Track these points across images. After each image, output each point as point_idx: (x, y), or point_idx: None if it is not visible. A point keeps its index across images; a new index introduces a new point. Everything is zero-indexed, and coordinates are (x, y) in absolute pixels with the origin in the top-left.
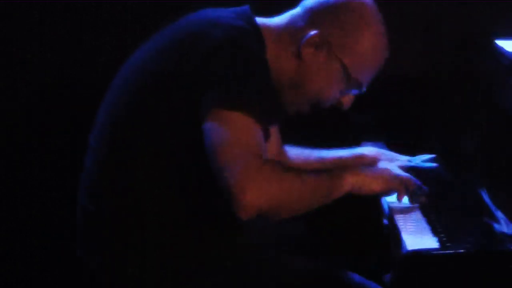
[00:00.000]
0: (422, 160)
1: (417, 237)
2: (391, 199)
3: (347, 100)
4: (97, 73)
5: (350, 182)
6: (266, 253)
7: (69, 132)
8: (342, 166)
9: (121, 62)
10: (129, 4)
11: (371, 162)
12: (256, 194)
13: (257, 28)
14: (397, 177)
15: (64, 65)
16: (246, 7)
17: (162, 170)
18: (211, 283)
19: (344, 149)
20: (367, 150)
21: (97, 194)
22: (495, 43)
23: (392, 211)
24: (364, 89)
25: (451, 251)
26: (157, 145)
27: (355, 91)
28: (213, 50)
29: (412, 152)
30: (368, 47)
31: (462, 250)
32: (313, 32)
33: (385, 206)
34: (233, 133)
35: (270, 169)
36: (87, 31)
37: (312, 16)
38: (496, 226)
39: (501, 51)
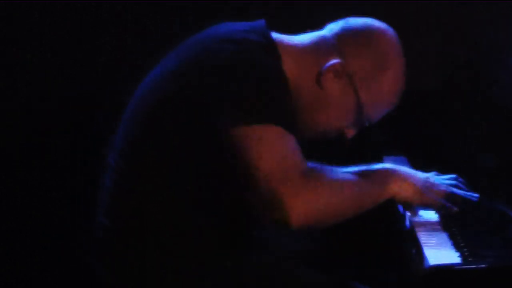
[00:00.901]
0: (442, 178)
1: (439, 251)
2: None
3: (351, 133)
4: (97, 73)
5: (394, 189)
6: (267, 255)
7: (68, 132)
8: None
9: (121, 62)
10: (129, 4)
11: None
12: (304, 205)
13: (272, 42)
14: (438, 192)
15: (64, 65)
16: (261, 21)
17: (175, 183)
18: (211, 283)
19: (364, 165)
20: (382, 166)
21: (117, 211)
22: None
23: (414, 225)
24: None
25: (473, 266)
26: (173, 161)
27: (361, 124)
28: (227, 66)
29: (433, 165)
30: (386, 88)
31: (484, 265)
32: (335, 61)
33: (406, 220)
34: (267, 146)
35: (315, 177)
36: (87, 31)
37: (339, 43)
38: None
39: None
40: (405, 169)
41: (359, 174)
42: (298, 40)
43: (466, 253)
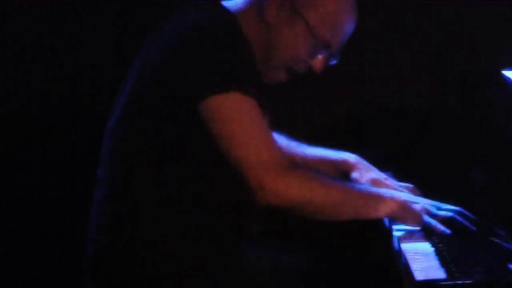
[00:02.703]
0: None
1: (426, 267)
2: (398, 229)
3: (318, 63)
4: (97, 73)
5: (390, 208)
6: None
7: (68, 132)
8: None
9: (120, 62)
10: (129, 4)
11: (349, 168)
12: (284, 184)
13: (225, 9)
14: (429, 218)
15: (64, 65)
16: None
17: (165, 186)
18: (212, 283)
19: (329, 149)
20: (349, 156)
21: (108, 226)
22: (502, 73)
23: (400, 241)
24: (336, 53)
25: (459, 282)
26: (160, 161)
27: (324, 52)
28: (188, 45)
29: (421, 185)
30: (331, 4)
31: (470, 281)
32: None
33: (394, 237)
34: (240, 121)
35: (296, 169)
36: (87, 31)
37: None
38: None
39: (508, 82)
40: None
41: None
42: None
43: (452, 269)
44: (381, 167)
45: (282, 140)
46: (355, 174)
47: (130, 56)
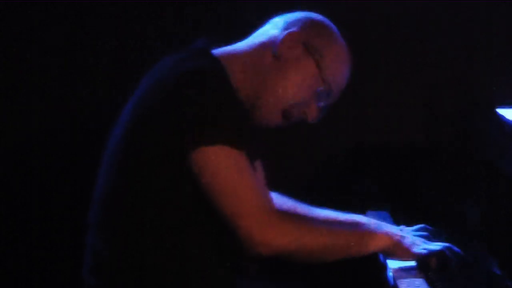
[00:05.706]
0: (413, 229)
1: None
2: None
3: (314, 111)
4: (97, 76)
5: (381, 245)
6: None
7: (67, 134)
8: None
9: (120, 65)
10: (129, 4)
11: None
12: (273, 235)
13: (213, 58)
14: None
15: (64, 66)
16: (200, 41)
17: (161, 233)
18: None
19: (340, 212)
20: (362, 219)
21: (100, 269)
22: (496, 111)
23: (396, 278)
24: (330, 99)
25: None
26: (153, 210)
27: (323, 99)
28: (175, 97)
29: (416, 220)
30: (339, 52)
31: None
32: (291, 30)
33: (389, 273)
34: (227, 175)
35: (284, 213)
36: (87, 31)
37: (286, 24)
38: None
39: (502, 120)
40: (386, 228)
41: (347, 222)
42: (242, 43)
43: None
44: (375, 202)
45: (281, 201)
46: None
47: (130, 56)
